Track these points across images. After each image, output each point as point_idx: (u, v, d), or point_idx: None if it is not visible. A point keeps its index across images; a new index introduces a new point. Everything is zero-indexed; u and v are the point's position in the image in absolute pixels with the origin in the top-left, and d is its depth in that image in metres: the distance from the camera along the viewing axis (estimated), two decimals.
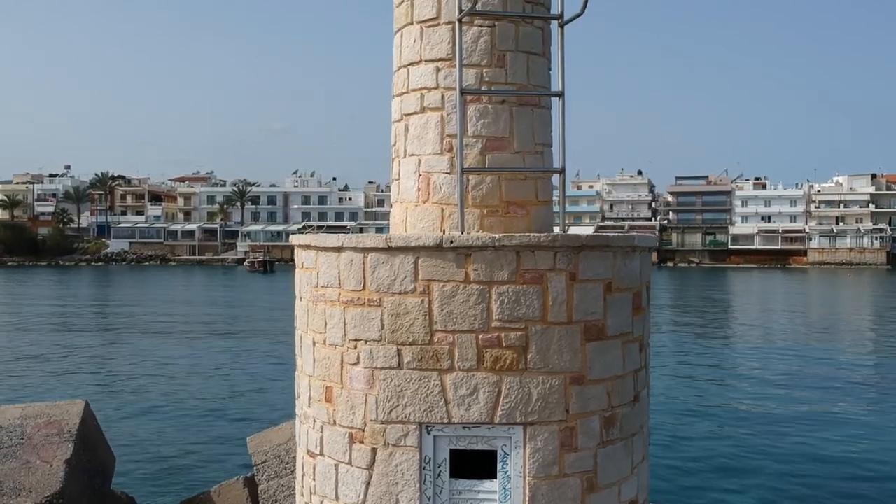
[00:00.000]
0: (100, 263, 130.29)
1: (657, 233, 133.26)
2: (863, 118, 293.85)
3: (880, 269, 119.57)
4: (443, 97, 6.11)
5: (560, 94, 5.92)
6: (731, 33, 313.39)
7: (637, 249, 5.88)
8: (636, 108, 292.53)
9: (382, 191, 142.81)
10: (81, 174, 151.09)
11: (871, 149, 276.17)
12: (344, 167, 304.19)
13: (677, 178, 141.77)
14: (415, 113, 6.26)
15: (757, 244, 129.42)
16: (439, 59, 6.12)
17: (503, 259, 5.36)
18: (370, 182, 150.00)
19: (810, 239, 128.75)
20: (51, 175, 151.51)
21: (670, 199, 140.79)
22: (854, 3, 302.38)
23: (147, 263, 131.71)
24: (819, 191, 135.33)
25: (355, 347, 5.57)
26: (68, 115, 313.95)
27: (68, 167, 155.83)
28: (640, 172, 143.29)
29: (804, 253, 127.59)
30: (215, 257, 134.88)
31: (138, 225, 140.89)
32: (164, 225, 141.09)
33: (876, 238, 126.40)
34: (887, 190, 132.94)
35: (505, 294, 5.35)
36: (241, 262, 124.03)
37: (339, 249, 5.69)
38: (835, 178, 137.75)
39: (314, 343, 5.94)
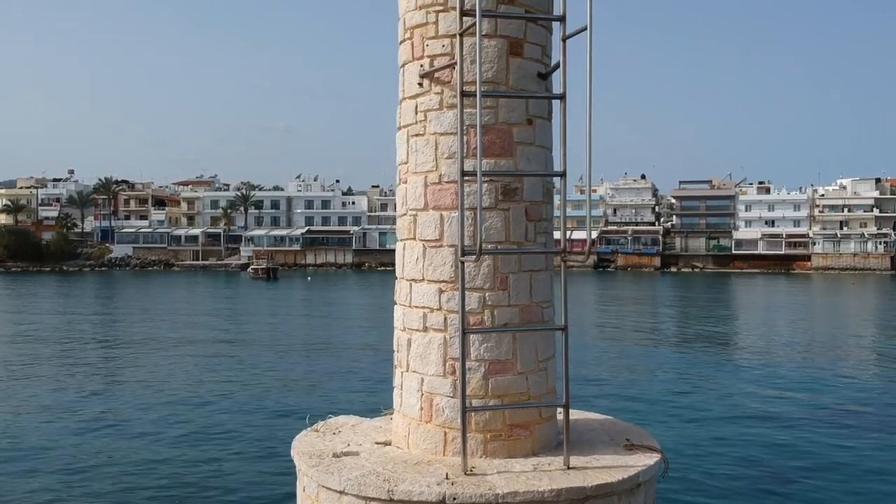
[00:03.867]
0: (103, 268, 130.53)
1: (660, 237, 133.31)
2: (867, 121, 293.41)
3: (884, 274, 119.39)
4: (445, 319, 6.05)
5: (563, 329, 5.87)
6: (733, 36, 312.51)
7: (641, 485, 5.83)
8: (639, 111, 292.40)
9: (385, 195, 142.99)
10: (85, 178, 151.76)
11: (875, 153, 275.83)
12: (347, 166, 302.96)
13: (681, 182, 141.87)
14: (418, 330, 6.21)
15: (760, 249, 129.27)
16: (442, 281, 6.06)
17: None
18: (374, 186, 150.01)
19: (814, 243, 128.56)
20: (55, 179, 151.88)
21: (674, 202, 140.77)
22: (858, 5, 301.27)
23: (151, 268, 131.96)
24: (823, 195, 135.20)
25: None
26: (70, 117, 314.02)
27: (72, 171, 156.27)
28: (643, 176, 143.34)
29: (808, 258, 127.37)
30: (219, 262, 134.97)
31: (142, 230, 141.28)
32: (168, 230, 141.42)
33: (880, 243, 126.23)
34: (891, 194, 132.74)
35: None
36: (244, 267, 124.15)
37: (341, 493, 5.64)
38: (839, 182, 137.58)
39: None
